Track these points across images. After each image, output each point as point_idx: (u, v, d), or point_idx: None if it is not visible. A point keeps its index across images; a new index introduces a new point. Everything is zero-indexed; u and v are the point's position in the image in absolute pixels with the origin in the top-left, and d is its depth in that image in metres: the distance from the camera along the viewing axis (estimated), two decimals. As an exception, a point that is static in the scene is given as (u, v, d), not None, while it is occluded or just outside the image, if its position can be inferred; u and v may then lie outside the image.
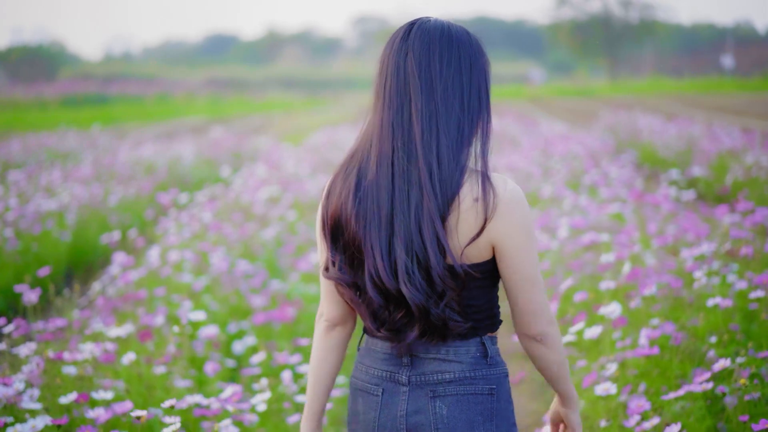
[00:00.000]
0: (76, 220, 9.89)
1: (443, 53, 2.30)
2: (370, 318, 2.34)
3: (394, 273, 2.26)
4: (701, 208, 8.38)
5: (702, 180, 11.73)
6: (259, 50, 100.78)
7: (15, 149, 17.98)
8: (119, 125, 29.64)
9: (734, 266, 5.12)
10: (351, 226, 2.29)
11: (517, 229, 2.27)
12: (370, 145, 2.32)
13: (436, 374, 2.33)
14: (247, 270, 6.68)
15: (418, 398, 2.34)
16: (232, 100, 50.05)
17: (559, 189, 9.48)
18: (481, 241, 2.26)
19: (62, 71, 70.45)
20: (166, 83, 59.62)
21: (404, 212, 2.25)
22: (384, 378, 2.38)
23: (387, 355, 2.38)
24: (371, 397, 2.40)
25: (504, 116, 25.57)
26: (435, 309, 2.26)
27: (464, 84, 2.31)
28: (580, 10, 75.28)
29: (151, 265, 6.46)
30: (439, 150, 2.26)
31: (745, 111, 26.61)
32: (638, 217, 7.57)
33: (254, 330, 5.78)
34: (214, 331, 5.00)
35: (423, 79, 2.28)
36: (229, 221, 8.39)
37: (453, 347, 2.33)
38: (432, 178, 2.24)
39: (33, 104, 43.22)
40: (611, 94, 46.67)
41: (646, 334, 4.07)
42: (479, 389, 2.34)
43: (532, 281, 2.30)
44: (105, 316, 5.56)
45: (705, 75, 65.14)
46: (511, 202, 2.27)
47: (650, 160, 15.03)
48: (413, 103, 2.28)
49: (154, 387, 4.33)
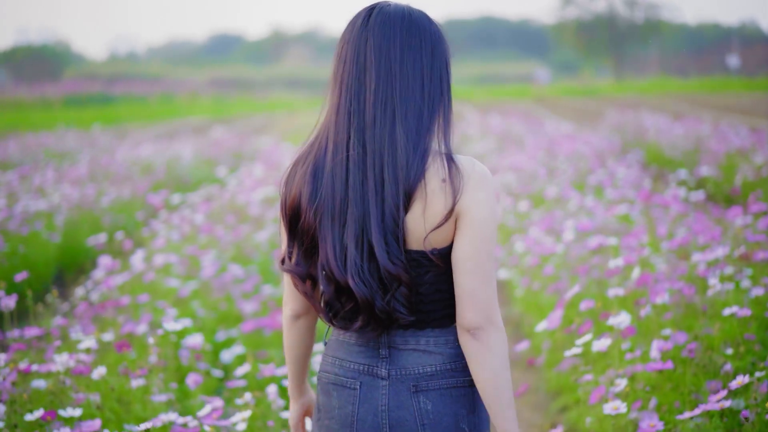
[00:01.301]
0: (67, 221, 9.62)
1: (404, 39, 2.26)
2: (323, 310, 2.30)
3: (344, 265, 2.22)
4: (711, 209, 8.08)
5: (710, 180, 11.42)
6: (264, 50, 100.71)
7: (12, 149, 17.71)
8: (122, 125, 29.40)
9: (748, 271, 4.85)
10: (307, 216, 2.26)
11: (483, 203, 2.21)
12: (327, 131, 2.28)
13: (417, 367, 2.29)
14: (238, 274, 6.39)
15: (400, 392, 2.29)
16: (236, 100, 49.81)
17: (564, 190, 9.18)
18: (449, 220, 2.20)
19: (66, 71, 70.52)
20: (170, 83, 59.54)
21: (356, 202, 2.21)
22: (361, 371, 2.33)
23: (363, 347, 2.33)
24: (348, 391, 2.34)
25: (509, 116, 25.27)
26: (380, 302, 2.22)
27: (425, 70, 2.26)
28: (585, 9, 75.16)
29: (135, 270, 6.17)
30: (393, 138, 2.21)
31: (752, 110, 26.27)
32: (647, 218, 7.28)
33: (243, 339, 5.49)
34: (198, 341, 4.71)
35: (382, 65, 2.24)
36: (221, 223, 8.10)
37: (432, 337, 2.29)
38: (385, 167, 2.20)
39: (36, 104, 43.14)
40: (616, 93, 46.36)
41: (658, 346, 3.78)
42: (461, 381, 2.30)
43: (482, 267, 2.21)
44: (85, 324, 5.28)
45: (710, 75, 64.82)
46: (480, 178, 2.23)
47: (657, 160, 14.71)
48: (369, 90, 2.23)
49: (131, 401, 4.04)
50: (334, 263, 2.22)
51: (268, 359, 5.43)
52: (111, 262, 6.06)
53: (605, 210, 7.88)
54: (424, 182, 2.20)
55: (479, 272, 2.20)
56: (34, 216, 9.16)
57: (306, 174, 2.27)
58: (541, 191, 9.77)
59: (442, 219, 2.20)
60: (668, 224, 6.94)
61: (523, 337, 6.68)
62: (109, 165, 13.80)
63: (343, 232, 2.22)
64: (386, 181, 2.20)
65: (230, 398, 4.52)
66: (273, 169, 12.23)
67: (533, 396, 5.62)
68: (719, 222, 7.22)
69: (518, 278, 7.01)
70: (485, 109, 32.03)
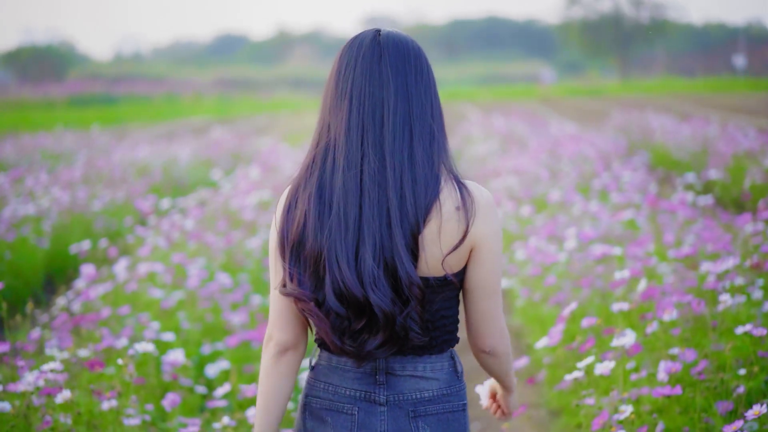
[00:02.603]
0: (57, 225, 9.36)
1: (416, 63, 2.31)
2: (330, 331, 2.25)
3: (360, 279, 2.21)
4: (720, 214, 7.80)
5: (718, 183, 11.11)
6: (269, 50, 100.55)
7: (8, 150, 17.42)
8: (123, 125, 29.14)
9: (760, 282, 4.59)
10: (313, 238, 2.24)
11: (495, 232, 2.29)
12: (334, 148, 2.26)
13: (415, 392, 2.32)
14: (226, 283, 6.12)
15: (398, 418, 2.31)
16: (240, 100, 49.57)
17: (568, 194, 8.91)
18: (463, 247, 2.25)
19: (71, 71, 70.46)
20: (175, 83, 59.41)
21: (373, 217, 2.21)
22: (358, 398, 2.33)
23: (359, 374, 2.33)
24: (344, 416, 2.33)
25: (512, 116, 24.99)
26: (399, 317, 2.22)
27: (432, 94, 2.32)
28: (590, 9, 74.99)
29: (119, 279, 5.89)
30: (412, 155, 2.24)
31: (759, 111, 25.93)
32: (653, 225, 7.00)
33: (228, 354, 5.23)
34: (180, 357, 4.43)
35: (400, 84, 2.27)
36: (212, 229, 7.82)
37: (429, 363, 2.33)
38: (404, 183, 2.22)
39: (39, 104, 42.98)
40: (622, 93, 46.06)
41: (666, 368, 3.51)
42: (455, 406, 2.36)
43: (495, 290, 2.32)
44: (63, 338, 5.02)
45: (717, 75, 64.48)
46: (488, 205, 2.29)
47: (663, 162, 14.39)
48: (387, 106, 2.26)
49: (103, 425, 3.78)
50: (350, 278, 2.20)
51: (254, 375, 5.18)
52: (93, 271, 5.77)
53: (610, 215, 7.62)
54: (439, 203, 2.24)
55: (494, 298, 2.32)
56: (21, 220, 8.90)
57: (311, 196, 2.25)
58: (544, 195, 9.49)
59: (457, 242, 2.24)
60: (676, 231, 6.67)
61: (523, 350, 6.41)
62: (104, 167, 13.49)
63: (359, 246, 2.21)
64: (406, 197, 2.22)
65: (210, 419, 4.25)
66: (270, 171, 11.94)
67: (534, 411, 5.36)
68: (728, 229, 6.94)
69: (518, 287, 6.74)
70: (489, 109, 31.75)
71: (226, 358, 5.25)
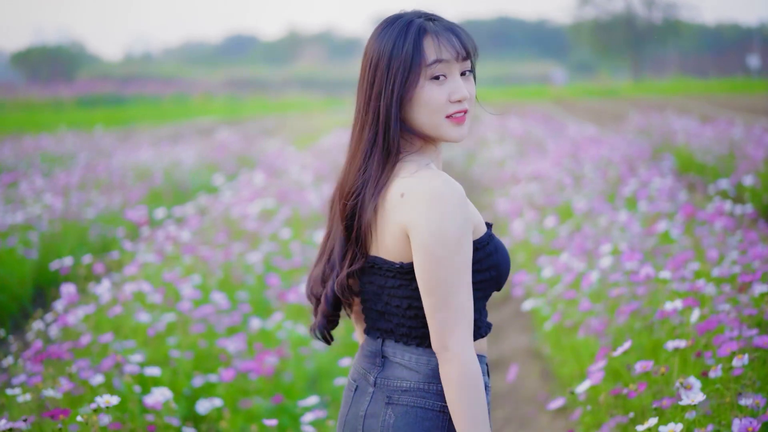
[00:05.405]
0: (49, 234, 8.77)
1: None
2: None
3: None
4: (761, 225, 7.17)
5: (748, 189, 10.42)
6: (279, 50, 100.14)
7: (6, 153, 16.83)
8: (130, 126, 28.56)
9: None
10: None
11: (427, 222, 2.16)
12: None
13: (397, 380, 2.31)
14: (222, 304, 5.52)
15: (378, 401, 2.32)
16: (250, 101, 49.02)
17: (594, 202, 8.28)
18: (397, 233, 2.22)
19: (81, 72, 70.20)
20: (184, 84, 59.08)
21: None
22: (360, 375, 2.39)
23: (368, 353, 2.39)
24: (347, 392, 2.41)
25: (527, 117, 24.33)
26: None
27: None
28: (602, 9, 74.35)
29: (103, 300, 5.28)
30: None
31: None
32: (692, 238, 6.37)
33: (221, 391, 4.62)
34: (161, 398, 3.84)
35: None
36: (210, 242, 7.18)
37: (416, 355, 2.30)
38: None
39: (48, 104, 42.60)
40: (635, 94, 45.38)
41: (740, 427, 2.90)
42: (431, 405, 2.27)
43: (434, 290, 2.17)
44: (35, 369, 4.42)
45: (730, 75, 63.73)
46: (425, 194, 2.19)
47: (691, 167, 13.66)
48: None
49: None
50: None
51: (251, 411, 4.58)
52: (74, 291, 5.15)
53: (641, 226, 7.00)
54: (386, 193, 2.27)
55: (432, 294, 2.17)
56: (9, 230, 8.31)
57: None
58: (569, 204, 8.87)
59: (389, 228, 2.24)
60: (716, 244, 6.05)
61: (552, 378, 5.80)
62: (103, 170, 12.88)
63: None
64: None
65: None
66: (275, 176, 11.31)
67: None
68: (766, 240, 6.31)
69: (545, 308, 6.12)
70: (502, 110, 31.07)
71: (219, 392, 4.64)
